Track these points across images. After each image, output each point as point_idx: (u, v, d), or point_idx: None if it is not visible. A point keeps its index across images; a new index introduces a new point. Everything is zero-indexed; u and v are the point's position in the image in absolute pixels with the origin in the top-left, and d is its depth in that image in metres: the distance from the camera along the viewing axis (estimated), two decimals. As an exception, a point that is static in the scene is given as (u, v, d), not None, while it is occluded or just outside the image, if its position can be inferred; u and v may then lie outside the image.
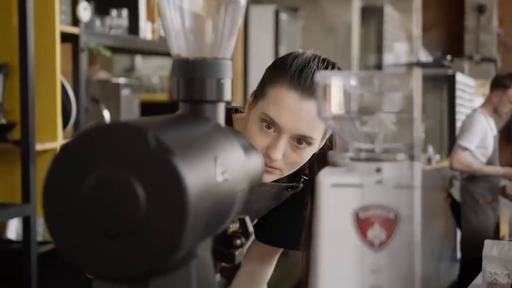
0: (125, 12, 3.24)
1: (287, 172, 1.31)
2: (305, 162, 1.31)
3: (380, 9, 7.28)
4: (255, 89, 1.33)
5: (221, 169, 0.68)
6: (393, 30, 7.74)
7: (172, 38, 0.79)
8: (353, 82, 0.69)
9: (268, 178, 1.30)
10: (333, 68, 1.29)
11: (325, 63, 1.28)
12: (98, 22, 3.08)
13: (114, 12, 3.21)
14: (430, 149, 6.36)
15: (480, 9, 9.47)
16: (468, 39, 9.48)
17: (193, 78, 0.77)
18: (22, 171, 2.40)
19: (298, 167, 1.31)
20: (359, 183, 0.67)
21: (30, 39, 2.40)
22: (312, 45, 5.93)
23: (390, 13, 7.58)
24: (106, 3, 3.18)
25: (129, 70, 6.66)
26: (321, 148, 1.33)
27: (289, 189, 1.42)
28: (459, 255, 5.02)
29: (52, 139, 2.57)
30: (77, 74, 2.75)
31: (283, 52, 6.79)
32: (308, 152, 1.29)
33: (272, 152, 1.25)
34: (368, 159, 0.69)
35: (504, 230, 5.16)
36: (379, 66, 7.47)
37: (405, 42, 5.75)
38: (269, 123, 1.25)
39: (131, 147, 0.60)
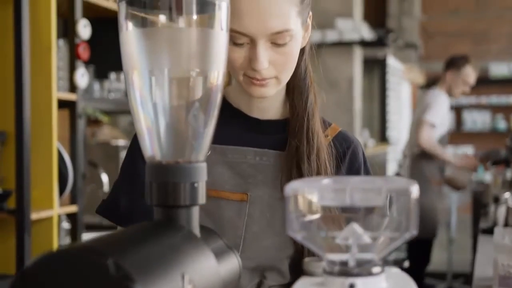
0: (123, 75, 3.25)
1: (285, 78, 1.19)
2: (296, 59, 1.19)
3: (382, 60, 7.35)
4: None
5: (189, 287, 0.66)
6: (396, 79, 7.80)
7: (145, 140, 0.78)
8: (324, 193, 0.68)
9: (268, 92, 1.18)
10: None
11: None
12: (97, 86, 3.10)
13: (113, 75, 3.23)
14: (366, 133, 6.34)
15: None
16: (391, 24, 9.61)
17: (167, 182, 0.76)
18: (17, 242, 2.37)
19: (293, 68, 1.19)
20: (331, 301, 0.65)
21: (27, 107, 2.41)
22: (314, 100, 5.96)
23: (393, 64, 7.64)
24: (105, 67, 3.20)
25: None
26: None
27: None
28: None
29: (49, 207, 2.56)
30: (74, 140, 2.75)
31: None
32: (294, 47, 1.16)
33: (256, 64, 1.12)
34: (341, 273, 0.67)
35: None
36: (383, 118, 7.52)
37: (348, 19, 5.78)
38: (237, 38, 1.12)
39: (90, 274, 0.58)
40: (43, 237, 2.56)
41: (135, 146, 1.27)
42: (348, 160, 1.29)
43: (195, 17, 0.75)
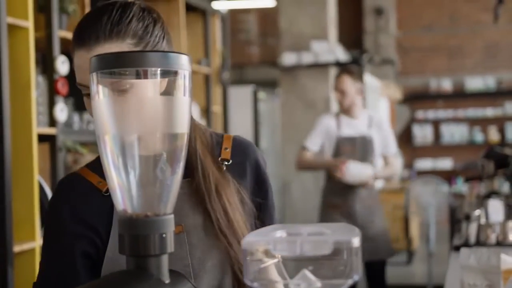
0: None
1: None
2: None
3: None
4: None
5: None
6: (374, 96, 7.92)
7: (117, 195, 0.85)
8: (277, 245, 0.76)
9: None
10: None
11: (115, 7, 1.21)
12: (76, 118, 3.17)
13: (91, 106, 3.28)
14: None
15: (379, 12, 9.78)
16: (368, 41, 9.80)
17: (137, 235, 0.83)
18: (0, 275, 2.43)
19: None
20: None
21: (7, 142, 2.47)
22: (292, 121, 6.08)
23: (370, 81, 7.76)
24: (84, 99, 3.26)
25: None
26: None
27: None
28: None
29: (31, 239, 2.62)
30: (55, 172, 2.81)
31: (263, 129, 6.97)
32: (139, 93, 1.13)
33: None
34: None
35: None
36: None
37: (323, 41, 5.83)
38: (83, 89, 1.21)
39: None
40: (26, 269, 2.61)
41: (58, 218, 1.30)
42: (250, 170, 1.37)
43: (160, 85, 0.83)
